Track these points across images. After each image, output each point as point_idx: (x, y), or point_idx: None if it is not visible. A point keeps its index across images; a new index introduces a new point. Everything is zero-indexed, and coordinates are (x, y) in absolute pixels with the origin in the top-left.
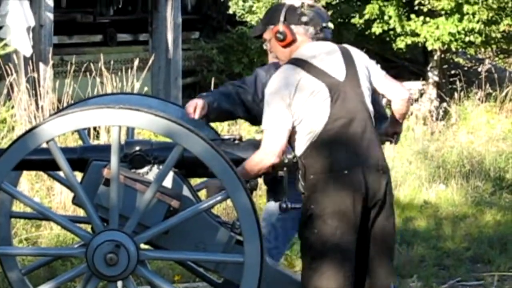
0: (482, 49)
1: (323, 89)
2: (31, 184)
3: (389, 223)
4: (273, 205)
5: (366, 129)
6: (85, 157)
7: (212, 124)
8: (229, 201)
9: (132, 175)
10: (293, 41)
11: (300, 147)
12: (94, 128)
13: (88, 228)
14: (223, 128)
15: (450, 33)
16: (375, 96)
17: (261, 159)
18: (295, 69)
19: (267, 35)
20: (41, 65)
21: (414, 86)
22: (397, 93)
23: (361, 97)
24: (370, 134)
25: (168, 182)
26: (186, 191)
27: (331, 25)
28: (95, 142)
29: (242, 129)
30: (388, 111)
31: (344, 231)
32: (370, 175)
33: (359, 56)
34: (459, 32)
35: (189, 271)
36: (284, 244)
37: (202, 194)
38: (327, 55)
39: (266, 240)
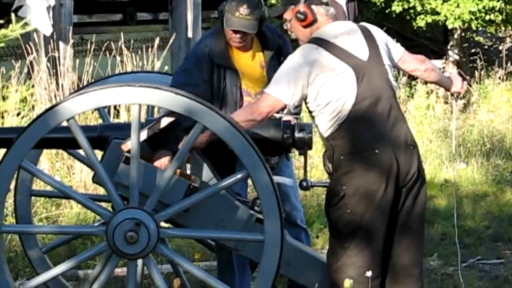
0: (503, 28)
1: (348, 70)
2: (51, 163)
3: (418, 206)
4: None
5: (392, 106)
6: (105, 135)
7: None
8: None
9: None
10: (314, 21)
11: (328, 128)
12: (115, 107)
13: (108, 206)
14: None
15: (470, 12)
16: None
17: (248, 116)
18: (316, 48)
19: (287, 15)
20: (61, 44)
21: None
22: (419, 65)
23: (385, 75)
24: (396, 111)
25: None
26: (206, 170)
27: None
28: (116, 121)
29: None
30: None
31: (376, 210)
32: (401, 153)
33: (379, 34)
34: (479, 11)
35: (209, 250)
36: None
37: None
38: (349, 35)
39: None
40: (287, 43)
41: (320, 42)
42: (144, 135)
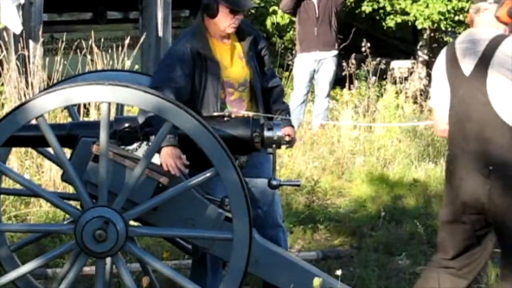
0: None
1: None
2: (20, 161)
3: None
4: None
5: None
6: (74, 133)
7: None
8: None
9: (121, 152)
10: None
11: None
12: (84, 106)
13: (78, 205)
14: None
15: (439, 12)
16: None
17: None
18: None
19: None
20: (31, 42)
21: (404, 64)
22: None
23: None
24: None
25: (157, 159)
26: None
27: None
28: (85, 119)
29: None
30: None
31: None
32: None
33: None
34: (448, 11)
35: (178, 248)
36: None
37: None
38: None
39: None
40: (260, 35)
41: None
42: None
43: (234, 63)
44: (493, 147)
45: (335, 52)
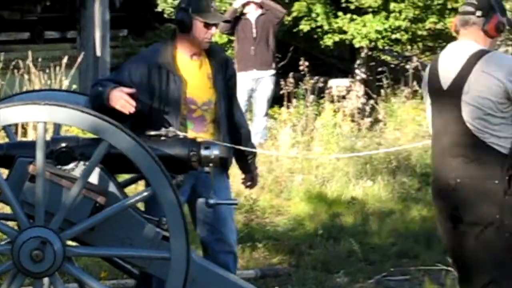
0: (409, 47)
1: None
2: None
3: None
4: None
5: None
6: (11, 153)
7: None
8: None
9: (58, 172)
10: None
11: None
12: (22, 126)
13: (15, 225)
14: None
15: (376, 31)
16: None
17: None
18: None
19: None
20: None
21: (341, 83)
22: None
23: None
24: None
25: (94, 178)
26: (112, 187)
27: None
28: (23, 139)
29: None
30: None
31: None
32: None
33: None
34: (385, 30)
35: (116, 268)
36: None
37: (129, 190)
38: None
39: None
40: (231, 61)
41: None
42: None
43: (200, 81)
44: (462, 160)
45: (273, 71)
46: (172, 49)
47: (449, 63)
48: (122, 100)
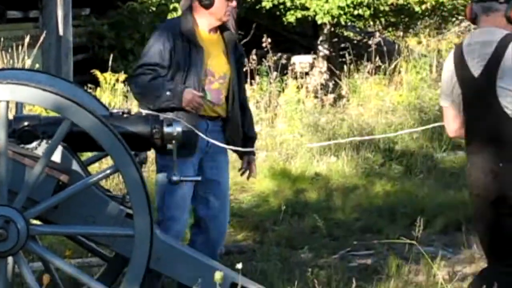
0: (371, 23)
1: None
2: None
3: None
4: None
5: None
6: None
7: (103, 99)
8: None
9: (20, 150)
10: None
11: None
12: None
13: None
14: (115, 103)
15: (339, 7)
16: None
17: None
18: None
19: None
20: None
21: (305, 59)
22: None
23: None
24: None
25: (57, 157)
26: (75, 166)
27: None
28: None
29: (134, 104)
30: None
31: None
32: None
33: None
34: (348, 6)
35: (80, 246)
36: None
37: (92, 168)
38: None
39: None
40: (239, 42)
41: None
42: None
43: (217, 55)
44: (503, 145)
45: None
46: (192, 24)
47: (477, 50)
48: (195, 103)
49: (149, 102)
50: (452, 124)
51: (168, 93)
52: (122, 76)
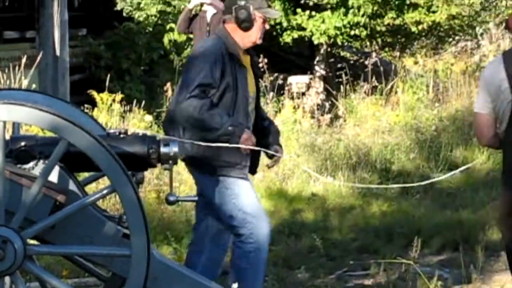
0: (368, 43)
1: None
2: None
3: None
4: None
5: None
6: None
7: (100, 119)
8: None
9: (17, 171)
10: None
11: None
12: None
13: None
14: (112, 123)
15: (335, 27)
16: None
17: None
18: None
19: None
20: None
21: (301, 79)
22: None
23: None
24: None
25: (54, 177)
26: (72, 186)
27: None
28: None
29: (131, 124)
30: None
31: None
32: None
33: None
34: (344, 26)
35: (77, 266)
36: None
37: (89, 188)
38: None
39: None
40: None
41: None
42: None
43: (250, 76)
44: None
45: None
46: (234, 43)
47: None
48: (250, 143)
49: (203, 129)
50: (487, 132)
51: (230, 128)
52: (119, 96)
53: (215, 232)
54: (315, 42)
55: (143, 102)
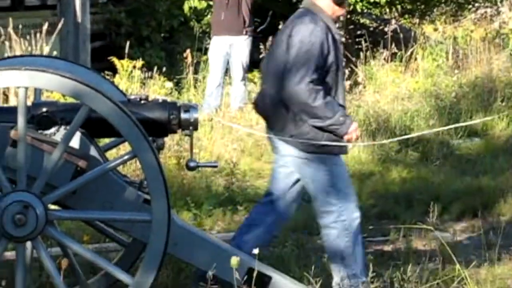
0: (387, 10)
1: None
2: None
3: None
4: None
5: None
6: None
7: (121, 86)
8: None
9: (39, 136)
10: None
11: None
12: (4, 92)
13: None
14: (133, 89)
15: None
16: None
17: None
18: None
19: None
20: None
21: None
22: None
23: None
24: None
25: (75, 143)
26: (93, 151)
27: None
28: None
29: (152, 91)
30: None
31: None
32: None
33: None
34: None
35: (98, 232)
36: None
37: (110, 154)
38: None
39: None
40: None
41: None
42: None
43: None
44: None
45: (245, 36)
46: (327, 19)
47: None
48: (354, 135)
49: (314, 116)
50: None
51: (341, 118)
52: (139, 63)
53: (274, 218)
54: None
55: (164, 69)
